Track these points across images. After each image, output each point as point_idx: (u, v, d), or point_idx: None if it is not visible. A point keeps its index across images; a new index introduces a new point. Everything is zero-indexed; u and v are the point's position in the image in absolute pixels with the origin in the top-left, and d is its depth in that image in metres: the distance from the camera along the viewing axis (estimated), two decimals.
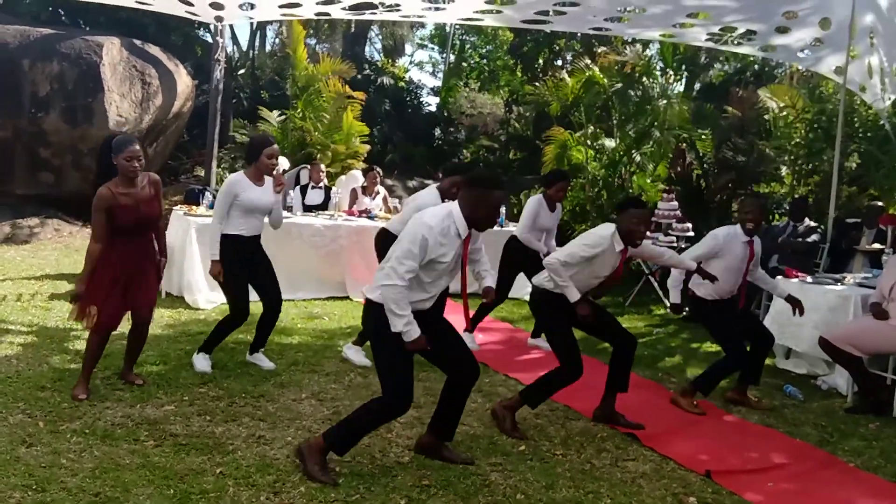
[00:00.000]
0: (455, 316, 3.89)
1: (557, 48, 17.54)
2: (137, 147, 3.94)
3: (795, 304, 4.64)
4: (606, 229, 3.98)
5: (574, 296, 3.86)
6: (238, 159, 12.02)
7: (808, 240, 7.01)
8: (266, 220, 4.71)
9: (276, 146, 4.55)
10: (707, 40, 8.75)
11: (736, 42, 8.52)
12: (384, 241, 4.96)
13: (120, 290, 3.92)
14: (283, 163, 8.70)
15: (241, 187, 4.45)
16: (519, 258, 5.62)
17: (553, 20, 8.98)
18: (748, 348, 4.65)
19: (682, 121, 9.85)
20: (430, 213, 3.24)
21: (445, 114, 16.96)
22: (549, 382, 3.97)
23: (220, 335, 4.62)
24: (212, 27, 10.62)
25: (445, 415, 3.48)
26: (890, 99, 7.82)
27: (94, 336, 3.99)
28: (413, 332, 3.09)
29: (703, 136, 9.93)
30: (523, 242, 5.57)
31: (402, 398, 3.17)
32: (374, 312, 3.21)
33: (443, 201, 4.88)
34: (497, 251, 5.84)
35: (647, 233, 6.83)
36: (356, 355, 5.00)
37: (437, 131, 16.39)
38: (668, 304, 4.65)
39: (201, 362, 4.56)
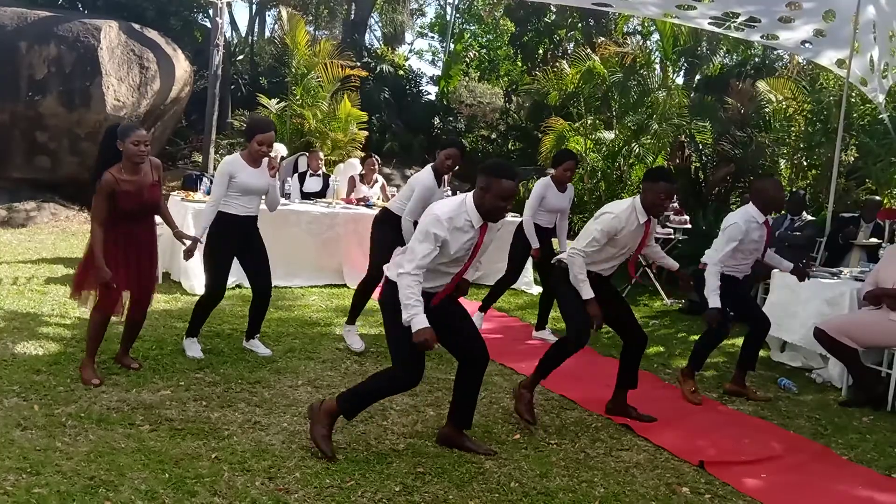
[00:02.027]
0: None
1: (558, 38, 17.49)
2: (144, 132, 3.96)
3: (801, 274, 4.72)
4: (621, 208, 3.89)
5: (588, 294, 3.82)
6: (236, 146, 12.00)
7: (807, 234, 7.01)
8: (263, 203, 4.72)
9: (270, 133, 4.48)
10: (710, 24, 8.72)
11: (738, 28, 8.50)
12: (382, 220, 5.01)
13: (122, 273, 3.92)
14: (282, 150, 8.68)
15: (236, 168, 4.46)
16: (528, 243, 5.65)
17: None
18: (746, 333, 4.70)
19: (679, 110, 9.84)
20: (442, 204, 3.26)
21: (445, 103, 16.93)
22: (555, 352, 3.97)
23: (199, 316, 4.62)
24: (211, 11, 10.57)
25: (461, 402, 3.51)
26: (884, 93, 7.81)
27: (95, 317, 4.00)
28: (419, 322, 3.06)
29: (703, 129, 9.92)
30: (524, 229, 5.58)
31: (412, 372, 3.22)
32: (392, 290, 3.25)
33: (437, 177, 4.89)
34: (497, 248, 5.85)
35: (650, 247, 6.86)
36: (351, 337, 5.02)
37: (437, 120, 16.36)
38: (710, 307, 4.31)
39: (191, 348, 4.57)
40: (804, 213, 7.26)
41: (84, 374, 3.96)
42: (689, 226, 8.10)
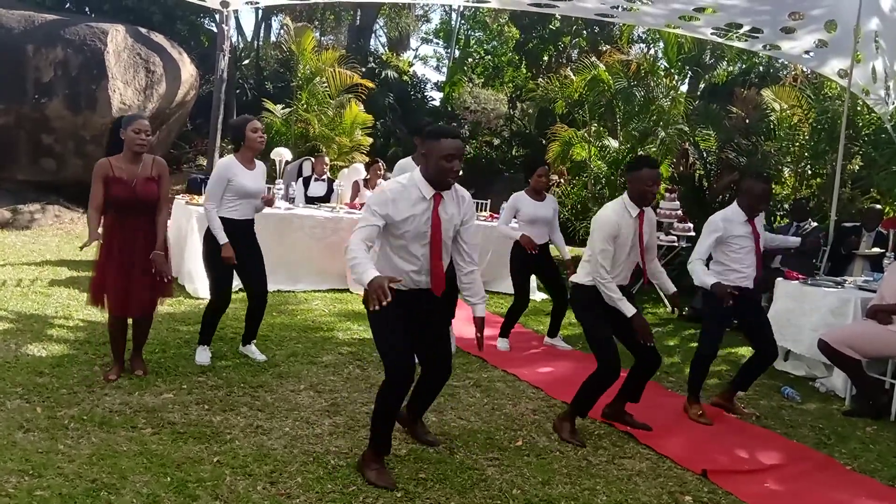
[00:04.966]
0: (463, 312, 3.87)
1: (562, 46, 17.54)
2: (146, 122, 3.96)
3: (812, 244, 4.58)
4: (610, 208, 3.84)
5: (629, 310, 3.73)
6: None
7: (812, 239, 7.00)
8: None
9: (257, 121, 4.52)
10: (712, 34, 8.75)
11: (742, 38, 8.52)
12: None
13: (127, 273, 3.92)
14: (286, 154, 8.69)
15: (233, 171, 4.43)
16: (527, 262, 5.60)
17: (560, 5, 8.99)
18: (751, 356, 4.55)
19: (683, 117, 9.85)
20: (392, 179, 3.23)
21: (449, 108, 16.95)
22: (590, 387, 3.86)
23: (209, 323, 4.60)
24: (217, 16, 10.61)
25: (417, 399, 3.51)
26: (894, 103, 7.81)
27: (109, 320, 4.08)
28: (368, 275, 2.78)
29: (707, 136, 9.93)
30: (501, 233, 5.63)
31: (398, 373, 3.09)
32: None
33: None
34: (500, 255, 5.88)
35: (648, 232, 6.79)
36: None
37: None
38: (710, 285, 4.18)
39: (201, 355, 4.56)
40: (809, 219, 7.25)
41: (107, 373, 4.06)
42: (692, 233, 8.09)
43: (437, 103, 18.11)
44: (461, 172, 3.13)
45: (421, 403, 3.56)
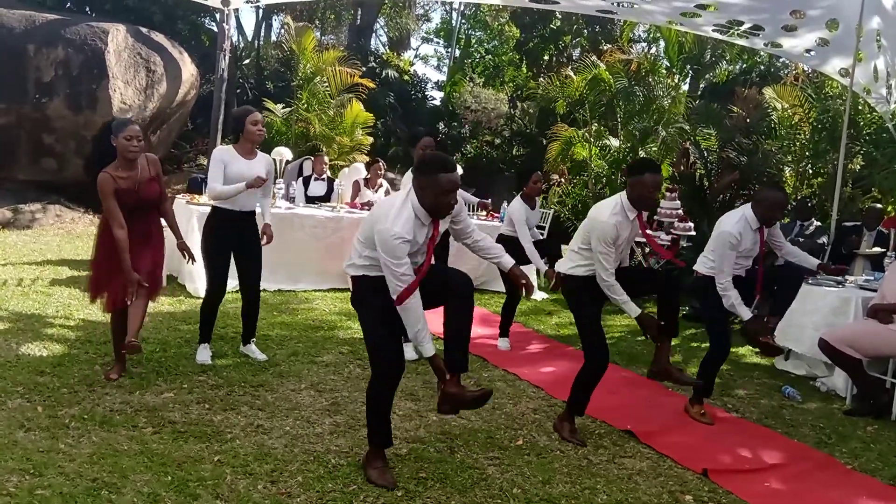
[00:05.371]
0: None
1: (563, 45, 17.54)
2: (137, 128, 3.95)
3: (833, 272, 4.70)
4: (608, 211, 3.75)
5: (634, 311, 3.73)
6: None
7: (818, 240, 6.99)
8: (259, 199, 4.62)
9: (258, 113, 4.49)
10: (714, 31, 8.75)
11: (742, 35, 8.53)
12: None
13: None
14: (286, 154, 8.69)
15: (228, 157, 4.41)
16: (512, 253, 5.57)
17: (561, 1, 9.01)
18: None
19: (683, 116, 9.86)
20: (391, 218, 2.96)
21: (450, 108, 16.95)
22: (581, 382, 3.88)
23: (207, 318, 4.59)
24: (218, 16, 10.61)
25: (453, 344, 3.11)
26: (895, 102, 7.80)
27: (111, 316, 4.09)
28: (429, 348, 3.00)
29: (708, 136, 9.93)
30: (528, 256, 5.38)
31: (384, 365, 3.09)
32: (354, 285, 3.22)
33: None
34: None
35: (649, 233, 6.76)
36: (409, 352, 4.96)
37: (441, 126, 16.37)
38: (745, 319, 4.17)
39: (201, 353, 4.56)
40: (812, 218, 7.25)
41: (109, 372, 4.05)
42: (693, 233, 8.08)
43: (437, 103, 18.11)
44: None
45: (457, 346, 3.09)
